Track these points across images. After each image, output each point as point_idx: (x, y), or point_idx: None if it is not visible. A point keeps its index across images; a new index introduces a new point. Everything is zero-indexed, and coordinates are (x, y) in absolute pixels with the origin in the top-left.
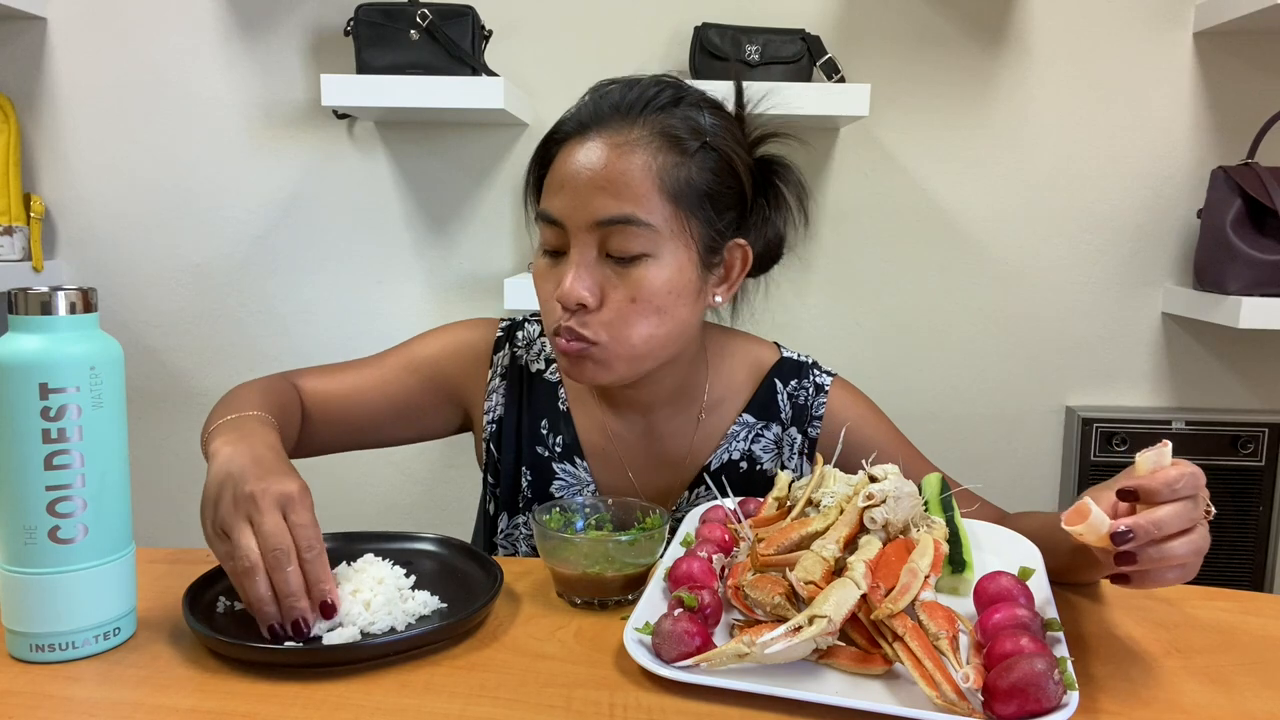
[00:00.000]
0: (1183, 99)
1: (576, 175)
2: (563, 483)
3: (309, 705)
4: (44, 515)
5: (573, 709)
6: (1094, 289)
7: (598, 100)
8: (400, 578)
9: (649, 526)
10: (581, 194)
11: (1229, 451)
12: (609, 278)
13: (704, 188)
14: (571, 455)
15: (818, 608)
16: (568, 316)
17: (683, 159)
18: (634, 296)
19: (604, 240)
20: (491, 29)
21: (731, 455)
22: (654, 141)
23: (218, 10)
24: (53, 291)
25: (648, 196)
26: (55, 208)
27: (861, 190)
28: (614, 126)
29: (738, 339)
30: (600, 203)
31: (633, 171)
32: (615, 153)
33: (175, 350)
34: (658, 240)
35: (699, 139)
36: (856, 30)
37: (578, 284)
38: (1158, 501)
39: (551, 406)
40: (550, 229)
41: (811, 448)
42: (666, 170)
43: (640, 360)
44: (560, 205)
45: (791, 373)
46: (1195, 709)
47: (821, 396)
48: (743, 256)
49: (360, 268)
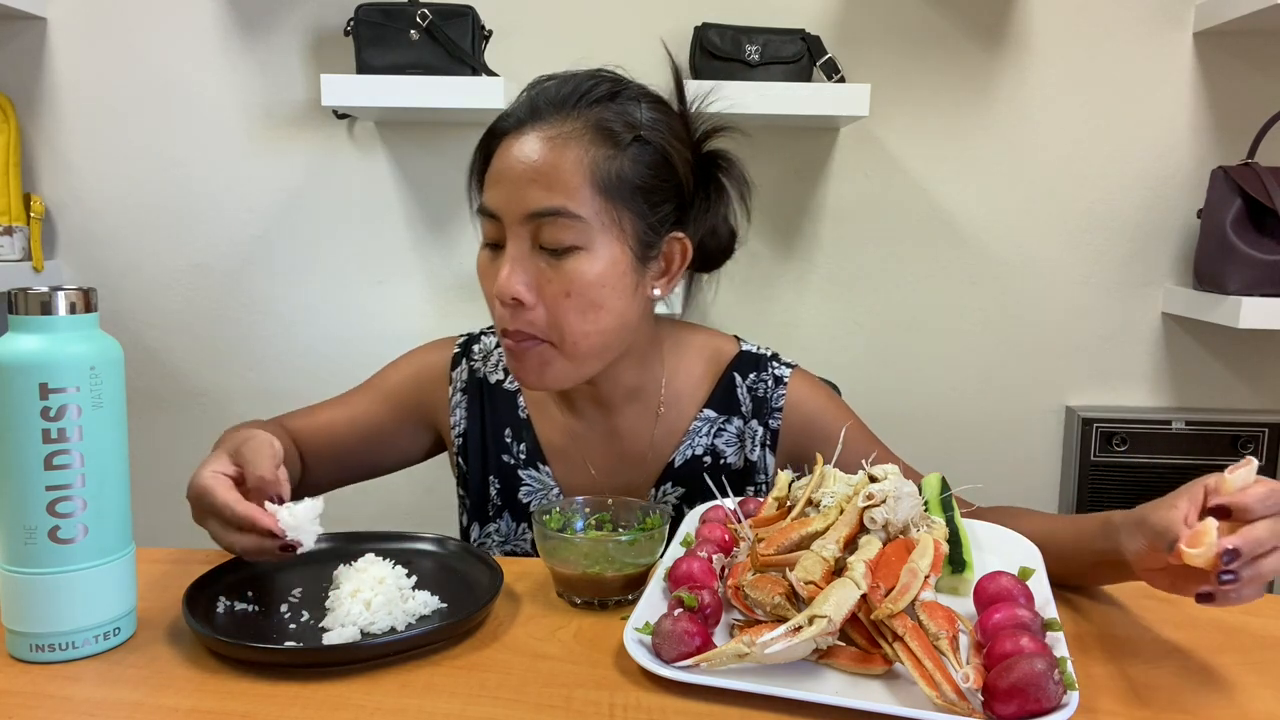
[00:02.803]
0: (1183, 99)
1: (511, 168)
2: (529, 488)
3: (309, 705)
4: (44, 515)
5: (573, 709)
6: (1094, 289)
7: (534, 96)
8: (400, 578)
9: (649, 526)
10: (515, 187)
11: (1229, 451)
12: (543, 271)
13: (637, 181)
14: (535, 461)
15: (818, 608)
16: (510, 316)
17: (615, 152)
18: (568, 290)
19: (536, 233)
20: (491, 29)
21: (695, 451)
22: (587, 134)
23: (218, 10)
24: (53, 291)
25: (579, 189)
26: (55, 208)
27: (861, 190)
28: (549, 120)
29: (695, 333)
30: (532, 195)
31: (564, 164)
32: (548, 145)
33: (175, 350)
34: (589, 232)
35: (633, 132)
36: (856, 30)
37: (513, 278)
38: (1251, 519)
39: (512, 414)
40: (489, 222)
41: (773, 439)
42: (598, 163)
43: (584, 359)
44: (496, 198)
45: (750, 366)
46: (1195, 709)
47: (781, 388)
48: (682, 250)
49: (360, 268)
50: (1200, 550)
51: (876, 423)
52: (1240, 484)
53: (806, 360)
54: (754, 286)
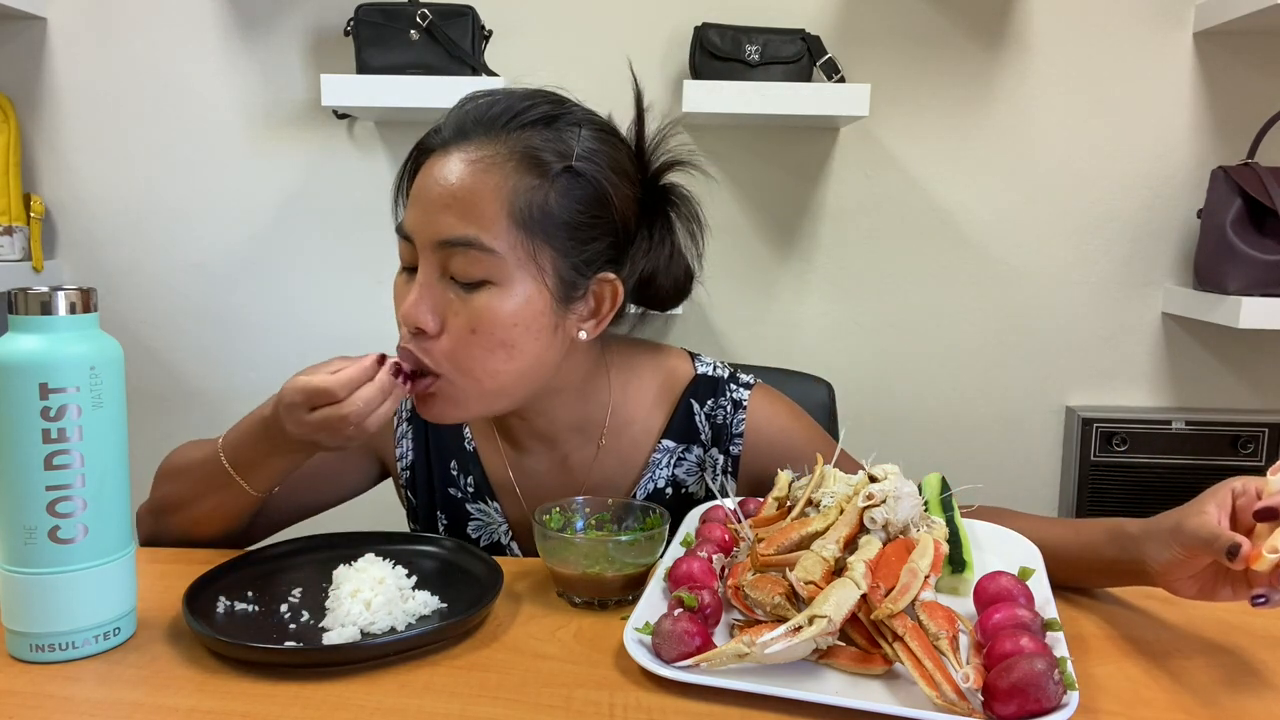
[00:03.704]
0: (1183, 99)
1: (428, 190)
2: (478, 522)
3: (309, 705)
4: (44, 515)
5: (573, 709)
6: (1094, 289)
7: (463, 114)
8: (400, 578)
9: (649, 526)
10: (429, 210)
11: (1229, 451)
12: (451, 302)
13: (563, 216)
14: (483, 495)
15: (818, 608)
16: (408, 337)
17: (541, 182)
18: (474, 326)
19: (446, 262)
20: (491, 29)
21: (657, 484)
22: (511, 161)
23: (218, 10)
24: (53, 291)
25: (494, 220)
26: (55, 208)
27: (861, 190)
28: (474, 141)
29: (644, 354)
30: (445, 222)
31: (482, 191)
32: (468, 169)
33: (175, 350)
34: (502, 268)
35: (563, 162)
36: (856, 30)
37: (420, 305)
38: None
39: (459, 447)
40: (404, 243)
41: (735, 465)
42: (519, 193)
43: (489, 397)
44: (411, 220)
45: (708, 390)
46: (1195, 709)
47: (740, 413)
48: (613, 292)
49: (360, 268)
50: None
51: (876, 422)
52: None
53: (806, 360)
54: (754, 286)
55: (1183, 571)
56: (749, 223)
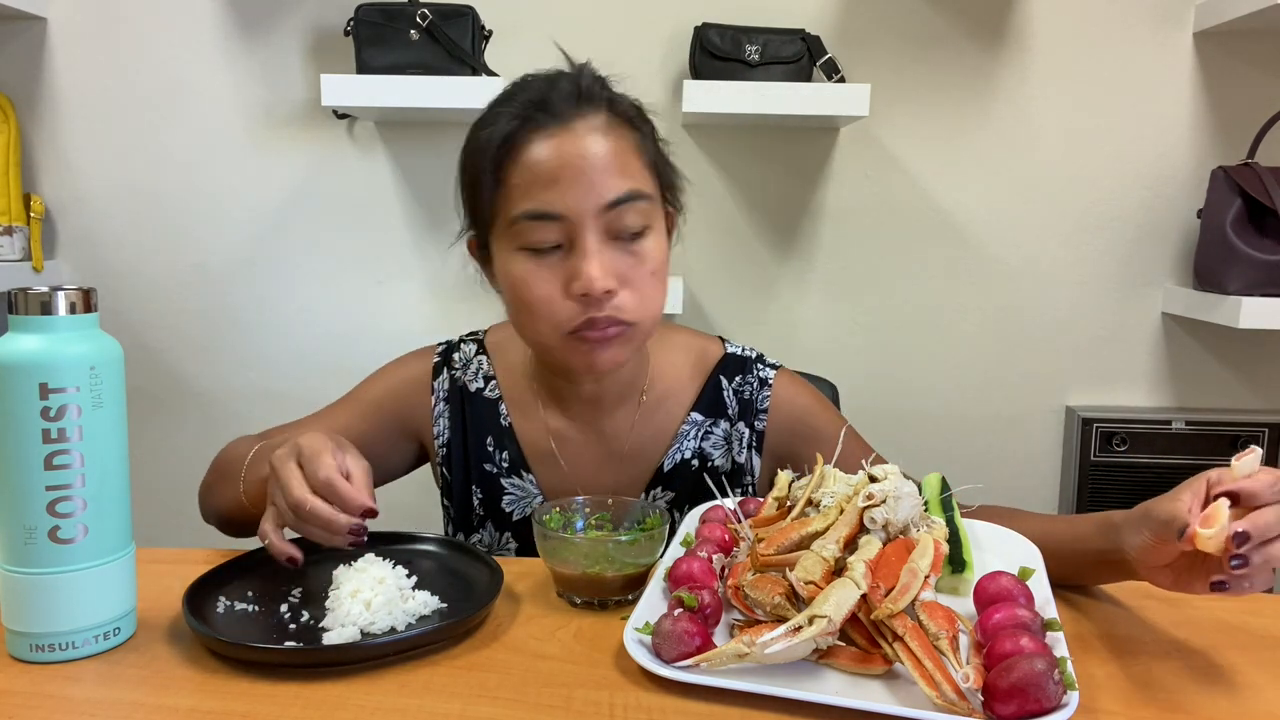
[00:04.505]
0: (1183, 99)
1: (573, 164)
2: (512, 496)
3: (309, 705)
4: (44, 515)
5: (573, 709)
6: (1094, 289)
7: (546, 93)
8: (400, 578)
9: (649, 526)
10: (584, 180)
11: (1229, 451)
12: (619, 259)
13: (658, 156)
14: (518, 469)
15: (818, 608)
16: (596, 306)
17: (642, 135)
18: (653, 269)
19: (614, 221)
20: (491, 29)
21: (684, 454)
22: (620, 122)
23: (218, 10)
24: (53, 291)
25: (640, 171)
26: (55, 208)
27: (861, 190)
28: (584, 112)
29: (680, 331)
30: (609, 184)
31: (626, 151)
32: (604, 136)
33: (175, 350)
34: (655, 212)
35: (641, 116)
36: (856, 30)
37: (604, 270)
38: (1259, 505)
39: (494, 423)
40: (543, 225)
41: (759, 441)
42: (642, 144)
43: (649, 335)
44: (557, 197)
45: (736, 369)
46: (1195, 709)
47: (766, 390)
48: (673, 225)
49: (360, 268)
50: (1213, 532)
51: (876, 422)
52: (1246, 471)
53: (806, 360)
54: (754, 286)
55: (1155, 559)
56: (749, 223)
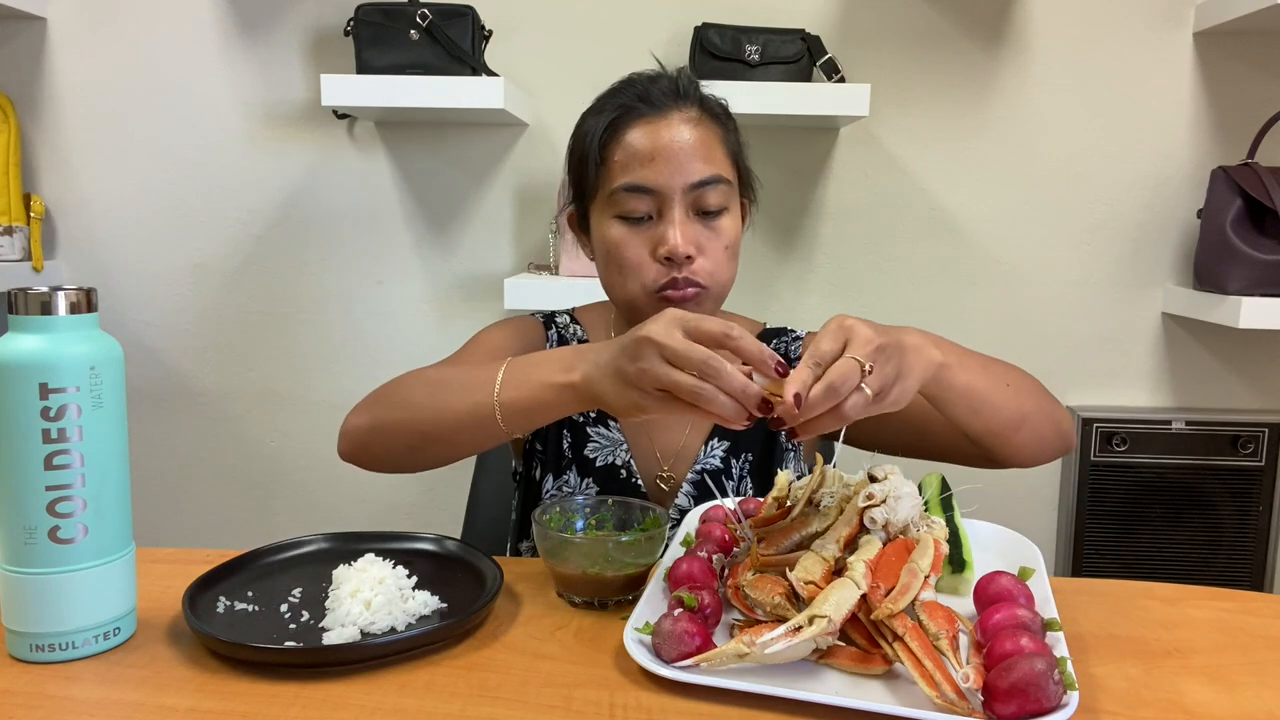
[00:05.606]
0: (1183, 99)
1: (667, 147)
2: (596, 444)
3: (309, 705)
4: (44, 515)
5: (573, 709)
6: (1094, 289)
7: (648, 88)
8: (401, 578)
9: (649, 526)
10: (675, 162)
11: (1229, 451)
12: (700, 231)
13: (739, 150)
14: (605, 418)
15: (818, 608)
16: (678, 268)
17: (727, 129)
18: (727, 244)
19: (698, 200)
20: (491, 29)
21: None
22: (709, 117)
23: (218, 10)
24: (53, 291)
25: (723, 159)
26: (55, 208)
27: (861, 190)
28: (679, 106)
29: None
30: (696, 168)
31: (712, 141)
32: (696, 127)
33: (175, 350)
34: (733, 196)
35: (727, 114)
36: (856, 30)
37: (686, 236)
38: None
39: None
40: (638, 197)
41: None
42: (726, 138)
43: (721, 300)
44: (652, 174)
45: (774, 335)
46: (1195, 709)
47: (797, 344)
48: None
49: (360, 268)
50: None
51: None
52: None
53: None
54: (754, 286)
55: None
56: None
